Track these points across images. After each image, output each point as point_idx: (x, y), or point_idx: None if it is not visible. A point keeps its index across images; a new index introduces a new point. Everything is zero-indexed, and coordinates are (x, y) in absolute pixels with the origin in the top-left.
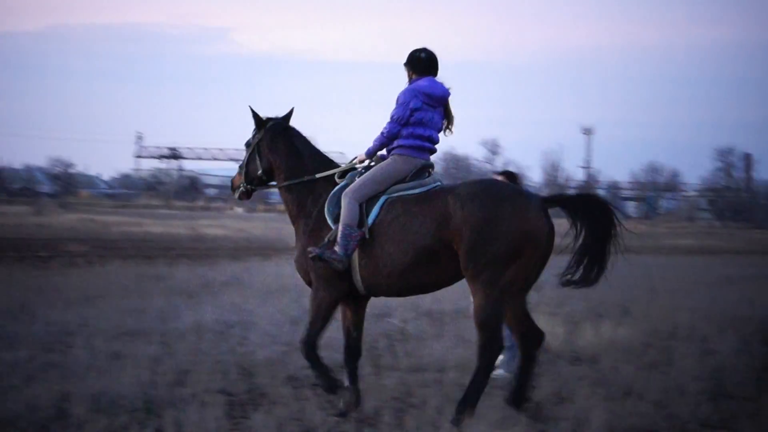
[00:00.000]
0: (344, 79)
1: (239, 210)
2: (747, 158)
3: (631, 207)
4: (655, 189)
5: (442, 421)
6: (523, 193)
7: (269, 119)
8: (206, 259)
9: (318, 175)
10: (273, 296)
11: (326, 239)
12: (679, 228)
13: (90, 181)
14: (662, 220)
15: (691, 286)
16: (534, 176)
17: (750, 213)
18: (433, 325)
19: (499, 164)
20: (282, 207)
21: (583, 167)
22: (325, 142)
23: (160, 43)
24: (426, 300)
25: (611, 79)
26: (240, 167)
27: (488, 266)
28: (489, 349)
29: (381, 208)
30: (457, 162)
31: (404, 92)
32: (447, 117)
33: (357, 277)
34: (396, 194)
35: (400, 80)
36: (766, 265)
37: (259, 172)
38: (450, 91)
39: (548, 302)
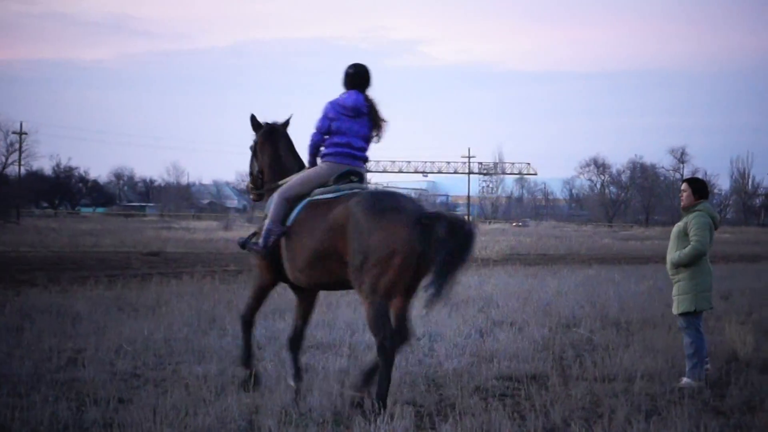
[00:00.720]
0: (532, 90)
1: None
2: None
3: None
4: None
5: (630, 431)
6: (400, 208)
7: (266, 124)
8: None
9: (280, 182)
10: (459, 307)
11: (254, 231)
12: None
13: None
14: None
15: None
16: (723, 184)
17: None
18: (620, 334)
19: (687, 172)
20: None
21: None
22: (511, 153)
23: (351, 56)
24: (613, 310)
25: None
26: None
27: (367, 275)
28: (383, 349)
29: (302, 208)
30: (644, 171)
31: (326, 105)
32: (375, 125)
33: (285, 268)
34: (315, 197)
35: (590, 90)
36: None
37: (256, 172)
38: (367, 102)
39: (738, 310)
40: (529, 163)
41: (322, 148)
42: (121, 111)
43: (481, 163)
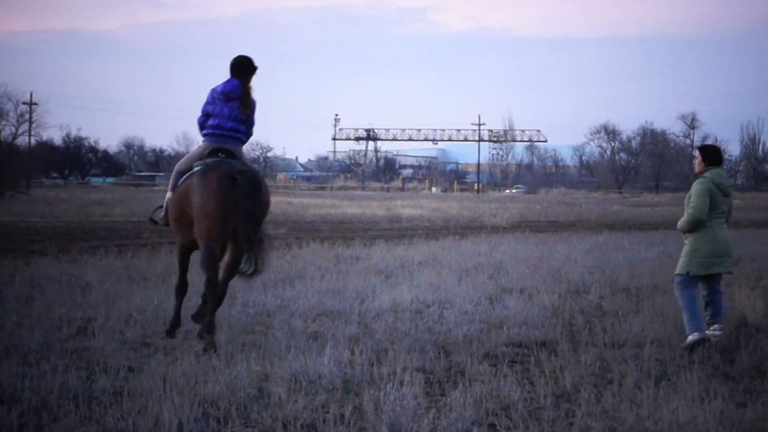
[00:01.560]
0: (542, 57)
1: (434, 190)
2: None
3: None
4: None
5: (641, 396)
6: (216, 169)
7: None
8: (402, 239)
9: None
10: (469, 275)
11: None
12: None
13: (288, 164)
14: None
15: None
16: (733, 150)
17: None
18: (630, 300)
19: (697, 138)
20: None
21: None
22: (521, 120)
23: (359, 25)
24: (623, 276)
25: None
26: None
27: (197, 225)
28: (210, 284)
29: (182, 180)
30: (654, 137)
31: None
32: (245, 108)
33: None
34: (193, 170)
35: (600, 57)
36: None
37: None
38: (242, 88)
39: (748, 276)
40: (539, 131)
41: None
42: (131, 81)
43: (491, 131)
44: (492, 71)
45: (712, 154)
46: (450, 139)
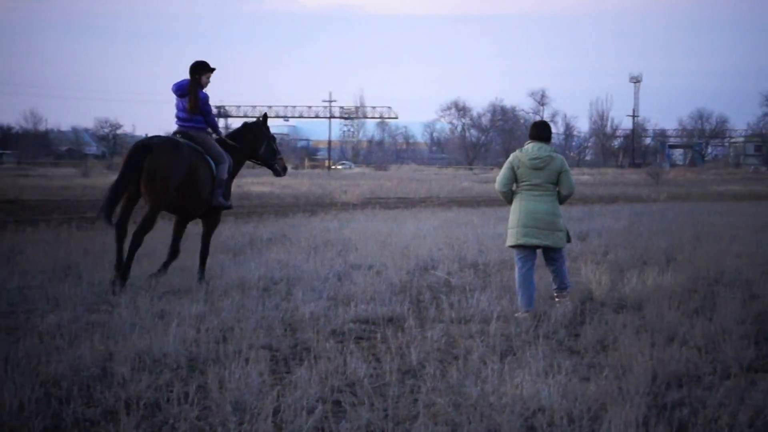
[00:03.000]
0: (393, 34)
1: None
2: None
3: (678, 154)
4: (702, 136)
5: (486, 372)
6: (139, 145)
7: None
8: (252, 216)
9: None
10: (318, 252)
11: None
12: (726, 174)
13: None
14: (709, 166)
15: (736, 232)
16: (582, 126)
17: None
18: (477, 276)
19: (547, 114)
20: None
21: (631, 116)
22: (373, 97)
23: (209, 2)
24: (471, 252)
25: (660, 27)
26: None
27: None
28: (135, 234)
29: None
30: (504, 113)
31: None
32: (190, 101)
33: None
34: None
35: (451, 34)
36: None
37: None
38: (190, 85)
39: (594, 251)
40: (390, 107)
41: None
42: None
43: (342, 108)
44: (344, 48)
45: (531, 130)
46: (301, 116)
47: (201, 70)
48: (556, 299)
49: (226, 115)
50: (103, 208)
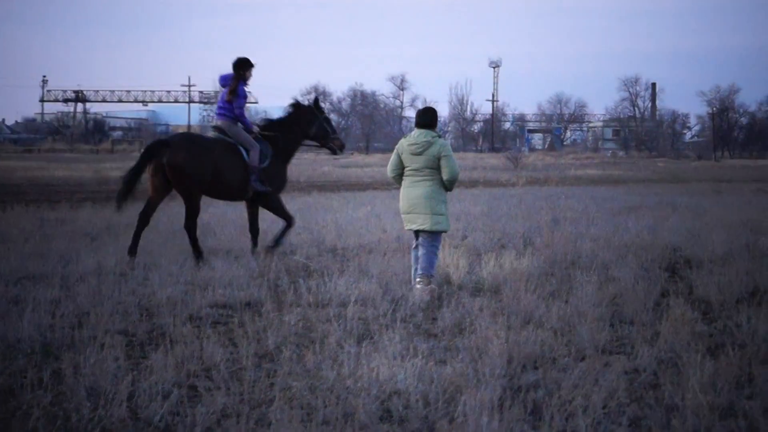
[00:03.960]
0: (252, 18)
1: None
2: (652, 88)
3: (537, 139)
4: (561, 120)
5: (342, 355)
6: (159, 140)
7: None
8: (110, 201)
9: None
10: (176, 236)
11: None
12: (585, 158)
13: None
14: (568, 151)
15: (594, 216)
16: (442, 111)
17: (654, 142)
18: (336, 260)
19: (407, 99)
20: None
21: (490, 100)
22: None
23: None
24: (330, 236)
25: (518, 12)
26: None
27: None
28: (190, 235)
29: None
30: (364, 98)
31: None
32: (229, 92)
33: None
34: None
35: (311, 19)
36: (668, 194)
37: None
38: (226, 79)
39: (452, 235)
40: (250, 92)
41: None
42: None
43: (201, 92)
44: (203, 32)
45: (416, 117)
46: (160, 101)
47: (244, 66)
48: (417, 284)
49: (85, 100)
50: (118, 197)
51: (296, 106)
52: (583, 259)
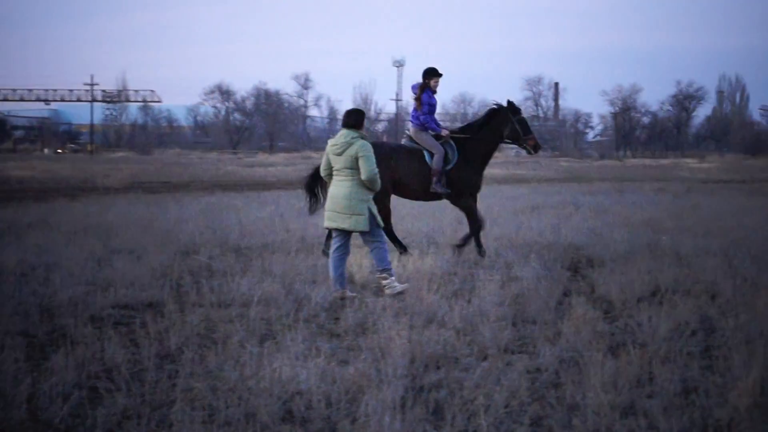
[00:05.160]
0: (154, 14)
1: (46, 151)
2: (555, 87)
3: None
4: (465, 119)
5: (245, 356)
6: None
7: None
8: (11, 201)
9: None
10: (78, 237)
11: None
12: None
13: None
14: None
15: (497, 215)
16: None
17: (557, 141)
18: (239, 260)
19: (311, 98)
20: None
21: (394, 99)
22: (135, 80)
23: None
24: (234, 236)
25: (422, 11)
26: None
27: None
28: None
29: None
30: (268, 97)
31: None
32: (416, 101)
33: None
34: None
35: (211, 16)
36: (571, 193)
37: None
38: (415, 89)
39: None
40: (153, 91)
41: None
42: None
43: (104, 91)
44: (105, 30)
45: (342, 117)
46: (63, 100)
47: (429, 75)
48: (381, 281)
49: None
50: (310, 208)
51: (494, 109)
52: (486, 258)
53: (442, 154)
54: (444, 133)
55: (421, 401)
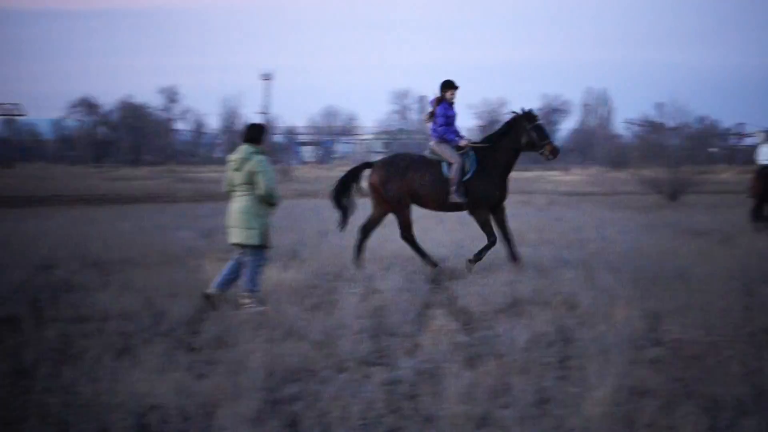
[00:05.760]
0: (19, 28)
1: None
2: (422, 101)
3: (307, 151)
4: (332, 133)
5: (100, 370)
6: (364, 162)
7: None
8: None
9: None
10: None
11: None
12: None
13: None
14: (338, 163)
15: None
16: (212, 123)
17: None
18: (99, 274)
19: (178, 112)
20: None
21: (261, 113)
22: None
23: None
24: (94, 250)
25: (290, 24)
26: None
27: None
28: (411, 244)
29: None
30: (134, 111)
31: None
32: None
33: None
34: None
35: (78, 29)
36: None
37: None
38: (431, 103)
39: (218, 248)
40: (17, 104)
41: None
42: None
43: None
44: None
45: (242, 132)
46: None
47: (446, 88)
48: (241, 299)
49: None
50: (340, 223)
51: (507, 122)
52: (347, 271)
53: (460, 164)
54: (463, 143)
55: (277, 413)
